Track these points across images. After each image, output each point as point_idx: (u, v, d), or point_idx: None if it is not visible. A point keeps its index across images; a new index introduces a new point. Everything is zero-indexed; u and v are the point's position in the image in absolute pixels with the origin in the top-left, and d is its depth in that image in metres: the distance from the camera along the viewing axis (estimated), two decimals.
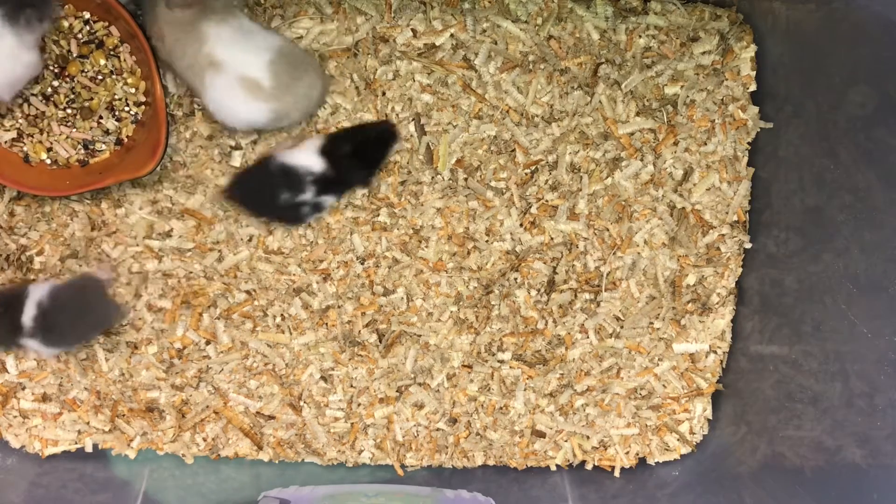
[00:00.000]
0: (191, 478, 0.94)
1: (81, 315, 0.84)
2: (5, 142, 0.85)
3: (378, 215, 0.91)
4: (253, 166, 0.87)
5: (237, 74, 0.80)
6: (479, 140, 0.91)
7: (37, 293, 0.82)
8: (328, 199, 0.86)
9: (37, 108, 0.85)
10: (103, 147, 0.87)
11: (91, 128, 0.86)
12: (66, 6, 0.83)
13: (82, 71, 0.85)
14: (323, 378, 0.93)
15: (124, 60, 0.85)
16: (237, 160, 0.89)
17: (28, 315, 0.81)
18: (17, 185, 0.85)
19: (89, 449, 0.92)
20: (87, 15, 0.84)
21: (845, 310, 0.78)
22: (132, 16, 0.81)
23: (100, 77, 0.85)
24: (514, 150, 0.91)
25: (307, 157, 0.83)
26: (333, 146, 0.84)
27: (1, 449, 0.91)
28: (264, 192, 0.84)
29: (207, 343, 0.91)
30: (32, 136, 0.86)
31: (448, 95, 0.90)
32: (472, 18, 0.89)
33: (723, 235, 0.94)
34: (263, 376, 0.92)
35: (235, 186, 0.85)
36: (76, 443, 0.92)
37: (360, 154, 0.85)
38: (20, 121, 0.85)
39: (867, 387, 0.75)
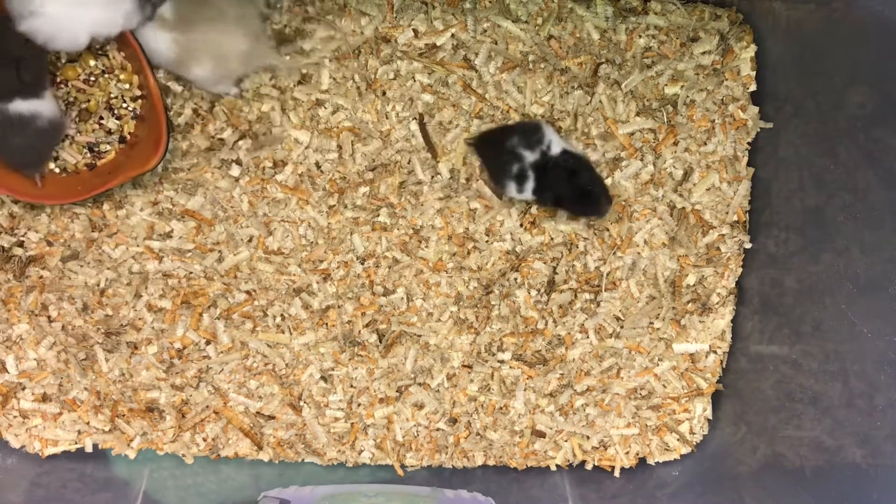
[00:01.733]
0: (191, 478, 0.94)
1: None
2: None
3: (378, 215, 0.91)
4: (507, 126, 0.89)
5: None
6: None
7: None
8: (529, 187, 0.87)
9: None
10: (108, 147, 0.87)
11: (93, 129, 0.86)
12: None
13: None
14: (323, 378, 0.93)
15: (113, 58, 0.85)
16: (236, 171, 0.89)
17: None
18: (30, 197, 0.84)
19: (89, 449, 0.92)
20: None
21: (845, 310, 0.78)
22: None
23: (92, 78, 0.85)
24: None
25: (557, 139, 0.86)
26: (574, 166, 0.86)
27: (1, 449, 0.91)
28: (501, 140, 0.87)
29: (207, 343, 0.91)
30: None
31: (449, 95, 0.90)
32: (473, 18, 0.89)
33: (723, 235, 0.94)
34: (263, 376, 0.92)
35: (481, 135, 0.89)
36: (76, 443, 0.92)
37: (581, 192, 0.86)
38: None
39: (867, 387, 0.75)
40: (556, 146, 0.85)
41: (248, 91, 0.88)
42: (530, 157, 0.85)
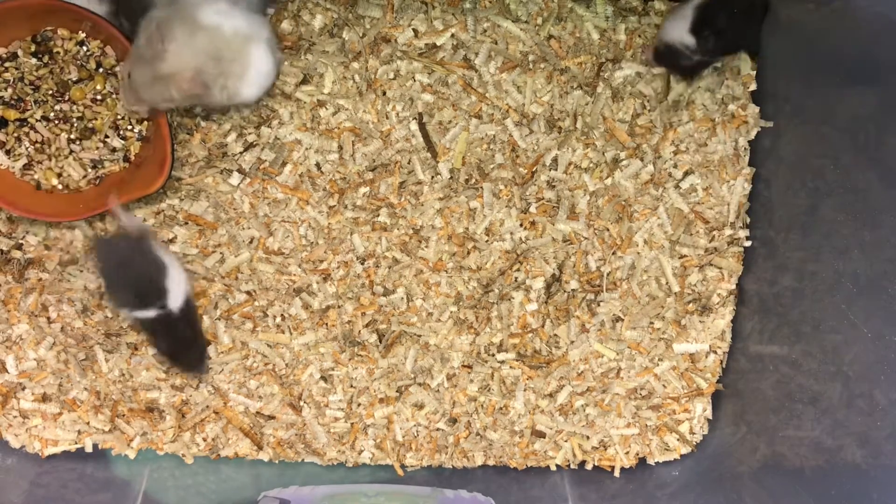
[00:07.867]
0: (191, 478, 0.94)
1: None
2: (15, 169, 0.85)
3: (378, 215, 0.91)
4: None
5: None
6: (479, 139, 0.91)
7: None
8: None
9: (42, 135, 0.85)
10: (112, 166, 0.87)
11: (97, 148, 0.86)
12: (60, 30, 0.83)
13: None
14: (323, 378, 0.93)
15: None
16: (235, 179, 0.89)
17: None
18: (31, 213, 0.84)
19: (89, 449, 0.92)
20: (81, 35, 0.83)
21: (845, 310, 0.78)
22: (123, 34, 0.81)
23: (100, 98, 0.85)
24: (514, 150, 0.91)
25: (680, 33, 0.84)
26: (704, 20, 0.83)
27: (1, 449, 0.91)
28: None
29: (208, 343, 0.91)
30: (42, 164, 0.86)
31: (448, 95, 0.90)
32: (473, 18, 0.89)
33: (723, 235, 0.94)
34: (263, 376, 0.92)
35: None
36: (76, 443, 0.92)
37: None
38: (28, 149, 0.85)
39: (867, 387, 0.75)
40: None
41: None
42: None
